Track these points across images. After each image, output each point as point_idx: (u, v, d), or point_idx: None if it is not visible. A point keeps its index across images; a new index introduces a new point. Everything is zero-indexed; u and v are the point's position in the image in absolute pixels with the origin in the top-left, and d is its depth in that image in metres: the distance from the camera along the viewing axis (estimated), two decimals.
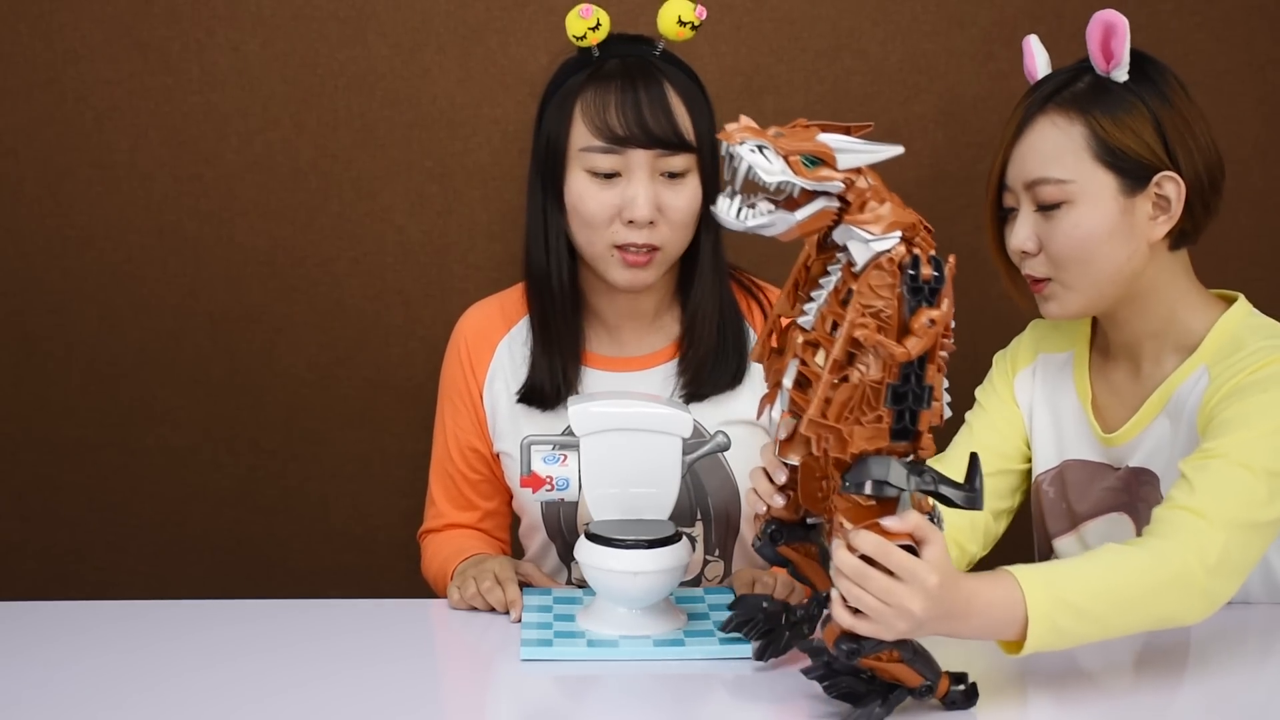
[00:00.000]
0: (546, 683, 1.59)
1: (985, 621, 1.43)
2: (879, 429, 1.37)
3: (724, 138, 1.34)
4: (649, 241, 1.82)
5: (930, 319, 1.35)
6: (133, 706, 1.50)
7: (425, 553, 2.01)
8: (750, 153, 1.32)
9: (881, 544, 1.37)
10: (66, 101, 2.41)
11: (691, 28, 1.83)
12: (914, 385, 1.37)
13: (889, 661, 1.42)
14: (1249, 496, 1.54)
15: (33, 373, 2.49)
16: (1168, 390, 1.72)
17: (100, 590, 2.41)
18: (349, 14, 2.40)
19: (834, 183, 1.35)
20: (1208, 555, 1.50)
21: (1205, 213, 1.71)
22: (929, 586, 1.37)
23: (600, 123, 1.80)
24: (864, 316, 1.36)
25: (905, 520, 1.38)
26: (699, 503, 1.92)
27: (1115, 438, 1.77)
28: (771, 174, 1.33)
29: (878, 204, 1.36)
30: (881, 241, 1.36)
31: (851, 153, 1.35)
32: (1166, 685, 1.58)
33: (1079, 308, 1.72)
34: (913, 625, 1.38)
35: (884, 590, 1.36)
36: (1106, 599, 1.46)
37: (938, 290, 1.36)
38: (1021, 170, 1.71)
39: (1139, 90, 1.68)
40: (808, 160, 1.34)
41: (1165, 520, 1.54)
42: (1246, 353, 1.65)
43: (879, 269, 1.36)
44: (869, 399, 1.37)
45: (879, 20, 2.40)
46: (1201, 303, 1.74)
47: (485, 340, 1.98)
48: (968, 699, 1.47)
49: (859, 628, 1.38)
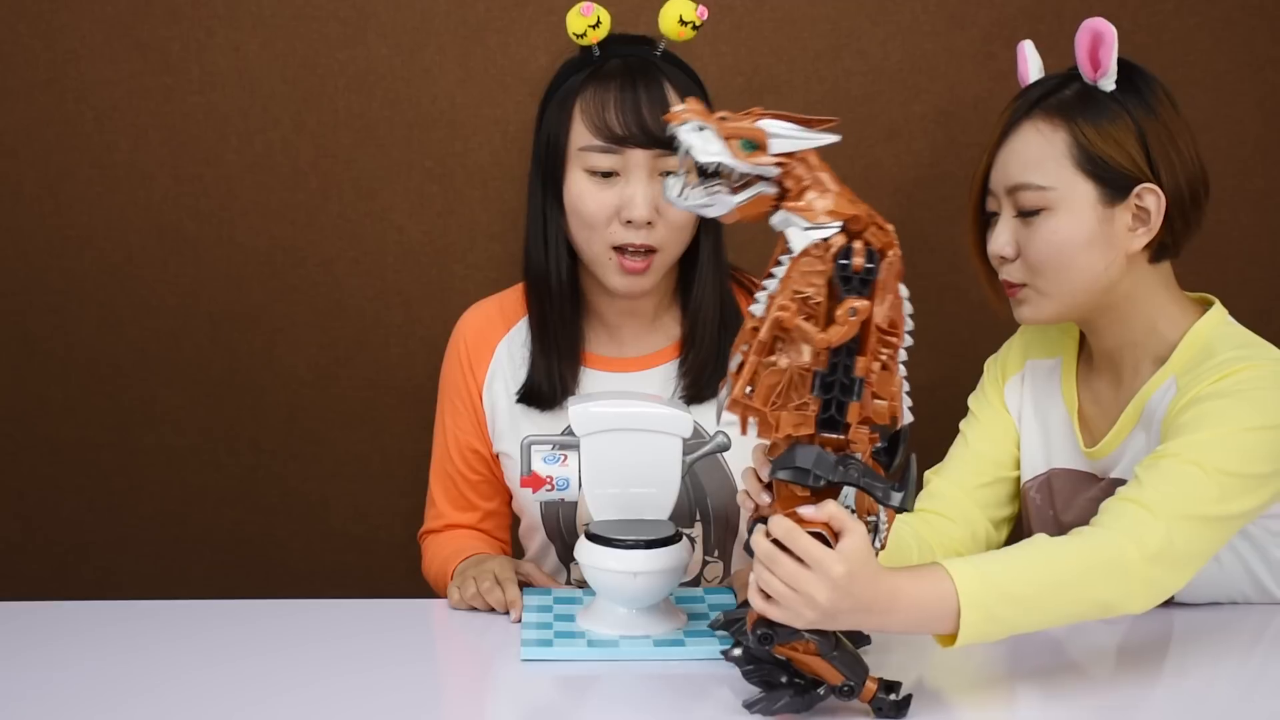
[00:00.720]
0: (546, 683, 1.59)
1: (913, 616, 1.43)
2: (805, 416, 1.38)
3: (669, 119, 1.36)
4: (647, 242, 1.82)
5: (853, 309, 1.35)
6: (133, 707, 1.50)
7: (425, 553, 2.01)
8: (689, 133, 1.35)
9: (791, 529, 1.38)
10: (66, 101, 2.41)
11: (693, 27, 1.83)
12: (841, 375, 1.37)
13: (805, 654, 1.42)
14: (1197, 492, 1.54)
15: (33, 373, 2.49)
16: (1140, 401, 1.72)
17: (101, 590, 2.41)
18: (349, 14, 2.40)
19: (768, 167, 1.36)
20: (1146, 543, 1.50)
21: (1185, 227, 1.70)
22: (834, 575, 1.37)
23: (599, 122, 1.80)
24: (790, 300, 1.37)
25: (821, 510, 1.38)
26: (698, 503, 1.92)
27: (1097, 450, 1.77)
28: (707, 154, 1.35)
29: (817, 193, 1.37)
30: (818, 230, 1.36)
31: (783, 138, 1.36)
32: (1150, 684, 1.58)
33: (1051, 313, 1.72)
34: (820, 614, 1.38)
35: (790, 575, 1.37)
36: (1039, 584, 1.46)
37: (869, 282, 1.36)
38: (1004, 175, 1.71)
39: (1125, 100, 1.68)
40: (745, 144, 1.35)
41: (1107, 510, 1.55)
42: (1214, 363, 1.65)
43: (810, 255, 1.37)
44: (797, 385, 1.38)
45: (879, 20, 2.40)
46: (1179, 313, 1.73)
47: (485, 341, 1.98)
48: (897, 709, 1.44)
49: (769, 612, 1.39)
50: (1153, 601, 1.52)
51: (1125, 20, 2.37)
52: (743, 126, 1.36)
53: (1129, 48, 2.37)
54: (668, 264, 1.87)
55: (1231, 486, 1.56)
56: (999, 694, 1.57)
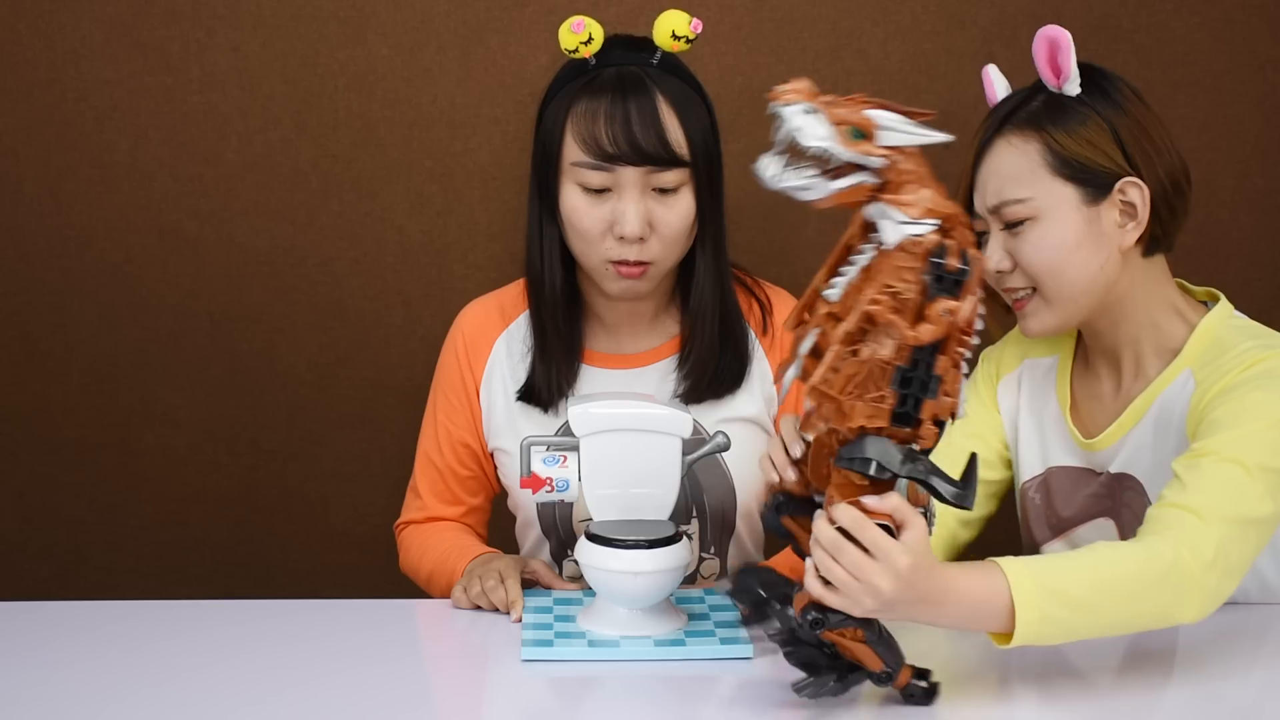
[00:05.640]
0: (547, 683, 1.59)
1: (964, 610, 1.43)
2: (879, 408, 1.38)
3: (773, 97, 1.34)
4: (640, 258, 1.82)
5: (947, 309, 1.36)
6: (132, 706, 1.50)
7: (406, 545, 2.00)
8: (798, 115, 1.33)
9: (859, 519, 1.38)
10: (66, 101, 2.41)
11: (686, 41, 1.82)
12: (922, 372, 1.37)
13: (852, 640, 1.43)
14: (1242, 492, 1.54)
15: (33, 373, 2.49)
16: (1151, 396, 1.72)
17: (100, 590, 2.41)
18: (349, 14, 2.40)
19: (875, 158, 1.35)
20: (1202, 551, 1.49)
21: (1173, 216, 1.71)
22: (899, 567, 1.37)
23: (590, 138, 1.80)
24: (882, 294, 1.36)
25: (886, 500, 1.39)
26: (695, 500, 1.92)
27: (1096, 443, 1.77)
28: (815, 138, 1.33)
29: (918, 188, 1.36)
30: (914, 225, 1.36)
31: (894, 131, 1.36)
32: (1155, 685, 1.58)
33: (1056, 323, 1.72)
34: (880, 604, 1.39)
35: (855, 565, 1.38)
36: (1099, 590, 1.46)
37: (961, 283, 1.36)
38: (984, 195, 1.71)
39: (1092, 102, 1.68)
40: (853, 132, 1.34)
41: (1157, 519, 1.54)
42: (1236, 353, 1.65)
43: (905, 251, 1.36)
44: (875, 378, 1.38)
45: (879, 20, 2.40)
46: (1182, 307, 1.74)
47: (483, 337, 1.98)
48: (927, 695, 1.47)
49: (828, 599, 1.39)
50: (1208, 610, 1.51)
51: (1125, 20, 2.37)
52: (853, 114, 1.35)
53: (1129, 48, 2.38)
54: (664, 270, 1.87)
55: (1274, 482, 1.55)
56: (1001, 695, 1.57)
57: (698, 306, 1.90)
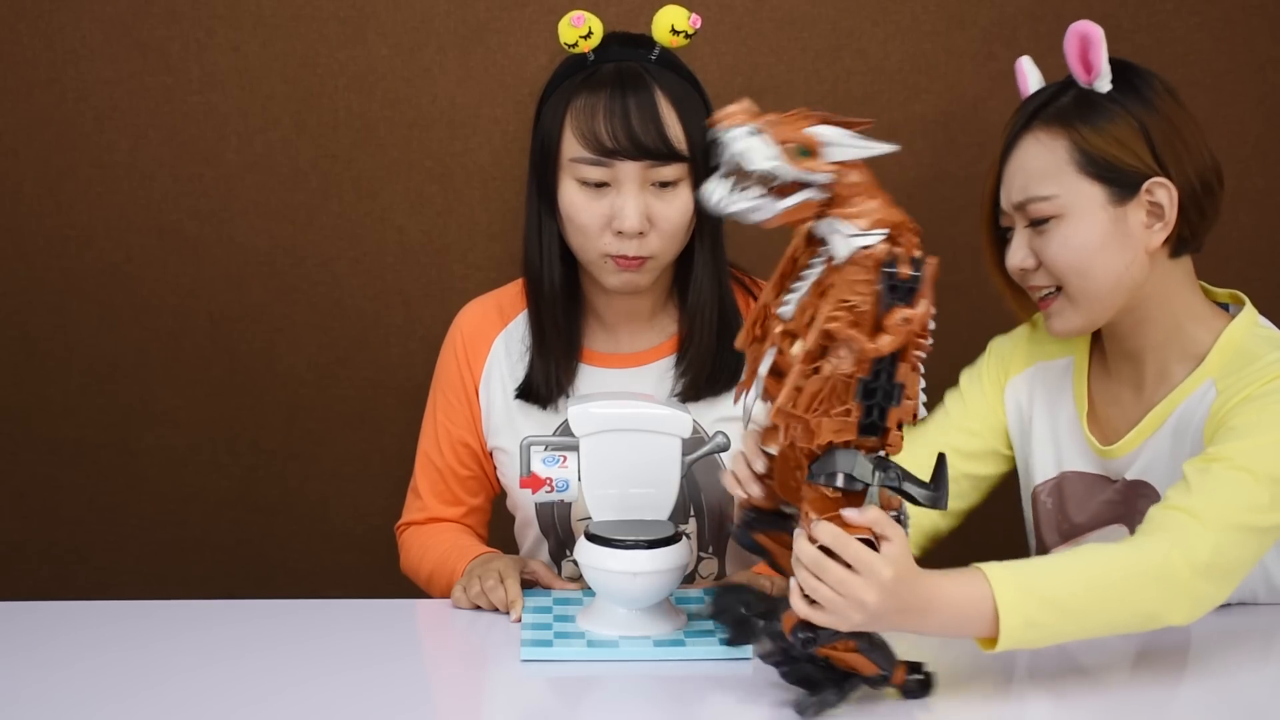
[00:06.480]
0: (546, 683, 1.59)
1: (949, 617, 1.43)
2: (847, 422, 1.38)
3: (713, 122, 1.35)
4: (639, 253, 1.82)
5: (904, 317, 1.36)
6: (132, 706, 1.50)
7: (407, 546, 2.00)
8: (743, 138, 1.33)
9: (840, 535, 1.38)
10: (66, 101, 2.41)
11: (685, 36, 1.82)
12: (884, 382, 1.38)
13: (844, 651, 1.43)
14: (1247, 500, 1.53)
15: (33, 373, 2.49)
16: (1172, 404, 1.70)
17: (100, 590, 2.41)
18: (349, 14, 2.40)
19: (821, 174, 1.35)
20: (1196, 554, 1.48)
21: (1202, 219, 1.68)
22: (883, 579, 1.37)
23: (588, 133, 1.80)
24: (839, 309, 1.36)
25: (865, 514, 1.38)
26: (692, 499, 1.92)
27: (1114, 450, 1.75)
28: (762, 160, 1.33)
29: (865, 200, 1.36)
30: (863, 237, 1.36)
31: (840, 146, 1.36)
32: (1167, 684, 1.57)
33: (1082, 323, 1.70)
34: (867, 617, 1.39)
35: (839, 581, 1.38)
36: (1084, 592, 1.46)
37: (914, 290, 1.36)
38: (1011, 191, 1.70)
39: (1123, 99, 1.66)
40: (799, 150, 1.35)
41: (1156, 519, 1.53)
42: (1262, 365, 1.63)
43: (857, 264, 1.36)
44: (839, 392, 1.38)
45: (879, 20, 2.40)
46: (1207, 313, 1.72)
47: (482, 336, 1.98)
48: (924, 687, 1.47)
49: (815, 617, 1.40)
50: (1197, 614, 1.51)
51: (1125, 20, 2.37)
52: (797, 133, 1.35)
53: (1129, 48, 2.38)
54: (663, 264, 1.87)
55: None
56: (1004, 696, 1.57)
57: (696, 301, 1.90)
